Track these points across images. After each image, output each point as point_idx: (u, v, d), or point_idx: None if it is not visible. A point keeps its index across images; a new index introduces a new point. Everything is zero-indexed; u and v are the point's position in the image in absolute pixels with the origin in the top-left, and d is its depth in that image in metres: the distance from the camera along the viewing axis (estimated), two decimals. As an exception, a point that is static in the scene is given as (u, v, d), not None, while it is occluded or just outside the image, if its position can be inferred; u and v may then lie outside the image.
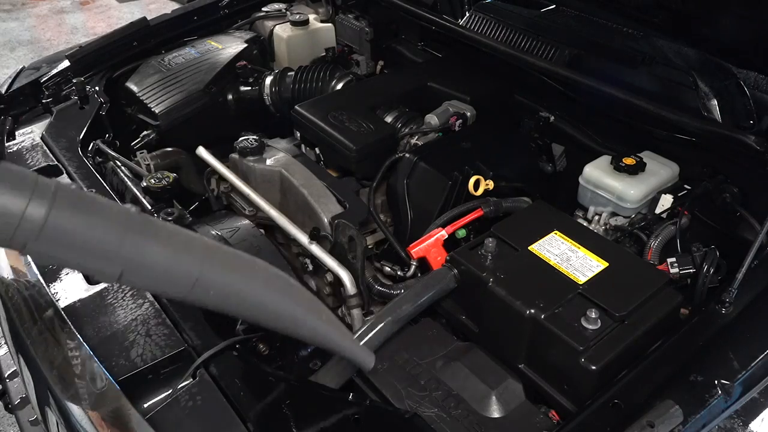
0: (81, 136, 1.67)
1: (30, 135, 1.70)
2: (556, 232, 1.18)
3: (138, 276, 0.76)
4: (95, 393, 1.00)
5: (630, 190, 1.34)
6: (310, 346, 1.23)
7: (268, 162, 1.59)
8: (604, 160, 1.41)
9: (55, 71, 1.87)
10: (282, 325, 0.88)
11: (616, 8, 1.57)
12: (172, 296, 0.88)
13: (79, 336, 1.07)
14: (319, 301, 0.94)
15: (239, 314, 0.95)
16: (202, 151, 1.64)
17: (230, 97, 1.94)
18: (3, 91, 1.77)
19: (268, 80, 1.91)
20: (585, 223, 1.39)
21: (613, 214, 1.39)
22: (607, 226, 1.38)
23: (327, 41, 2.17)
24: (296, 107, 1.68)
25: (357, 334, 1.10)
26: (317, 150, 1.68)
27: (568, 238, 1.16)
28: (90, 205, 0.73)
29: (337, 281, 1.34)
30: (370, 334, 1.10)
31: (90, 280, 1.25)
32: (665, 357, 0.97)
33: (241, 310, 0.86)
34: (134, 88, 1.86)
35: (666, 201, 1.32)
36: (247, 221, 1.46)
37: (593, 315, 0.99)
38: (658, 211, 1.33)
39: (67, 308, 1.14)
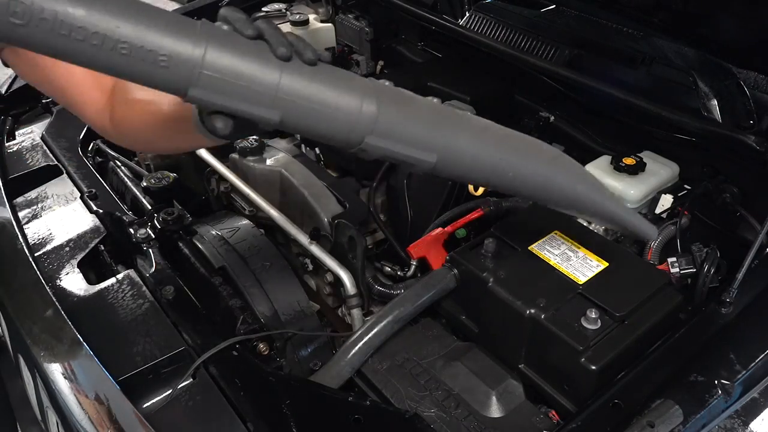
0: (81, 136, 1.67)
1: (30, 135, 1.70)
2: (556, 232, 1.18)
3: (450, 165, 0.83)
4: (95, 393, 1.00)
5: (630, 190, 1.34)
6: (310, 346, 1.23)
7: (268, 162, 1.59)
8: (604, 160, 1.41)
9: (55, 71, 1.86)
10: (573, 204, 0.97)
11: (616, 8, 1.57)
12: (476, 183, 1.00)
13: (79, 336, 1.07)
14: (596, 180, 1.00)
15: (533, 197, 0.99)
16: (202, 151, 1.64)
17: (230, 97, 1.94)
18: (3, 91, 1.77)
19: (268, 80, 1.91)
20: (585, 223, 1.39)
21: (613, 214, 1.39)
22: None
23: (327, 41, 2.17)
24: (296, 107, 1.68)
25: (357, 334, 1.10)
26: (317, 150, 1.68)
27: (568, 238, 1.16)
28: (408, 101, 0.82)
29: (337, 281, 1.34)
30: (370, 334, 1.10)
31: (90, 280, 1.26)
32: (665, 357, 0.97)
33: (536, 193, 0.93)
34: (134, 88, 1.86)
35: (666, 201, 1.32)
36: (247, 221, 1.46)
37: (593, 315, 0.99)
38: (658, 211, 1.33)
39: (67, 308, 1.14)
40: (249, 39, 0.71)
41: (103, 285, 1.22)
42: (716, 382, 0.92)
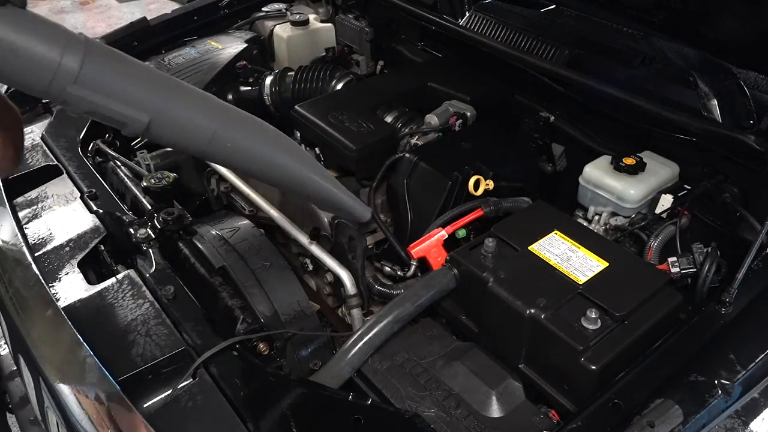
0: (81, 136, 1.67)
1: (30, 135, 1.70)
2: (556, 232, 1.18)
3: (163, 127, 0.83)
4: (95, 393, 1.00)
5: (630, 190, 1.34)
6: (310, 346, 1.23)
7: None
8: (604, 160, 1.41)
9: (55, 71, 1.86)
10: (287, 180, 0.98)
11: (616, 8, 1.57)
12: (192, 151, 0.93)
13: (79, 336, 1.07)
14: (314, 160, 1.01)
15: (250, 171, 1.00)
16: (202, 151, 1.64)
17: (230, 97, 1.94)
18: (3, 91, 1.77)
19: (268, 80, 1.91)
20: (585, 223, 1.39)
21: (613, 214, 1.39)
22: (607, 226, 1.38)
23: (327, 41, 2.17)
24: (296, 107, 1.68)
25: (357, 334, 1.10)
26: (317, 150, 1.68)
27: (568, 238, 1.16)
28: (119, 59, 0.81)
29: (337, 281, 1.35)
30: (370, 334, 1.10)
31: (90, 280, 1.26)
32: (665, 357, 0.97)
33: (252, 165, 0.94)
34: (134, 88, 1.86)
35: (666, 201, 1.32)
36: (247, 221, 1.46)
37: (593, 315, 0.99)
38: (658, 211, 1.33)
39: (67, 308, 1.14)
40: None
41: (103, 285, 1.22)
42: (716, 382, 0.92)
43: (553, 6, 1.87)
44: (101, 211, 1.42)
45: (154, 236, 1.33)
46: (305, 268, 1.46)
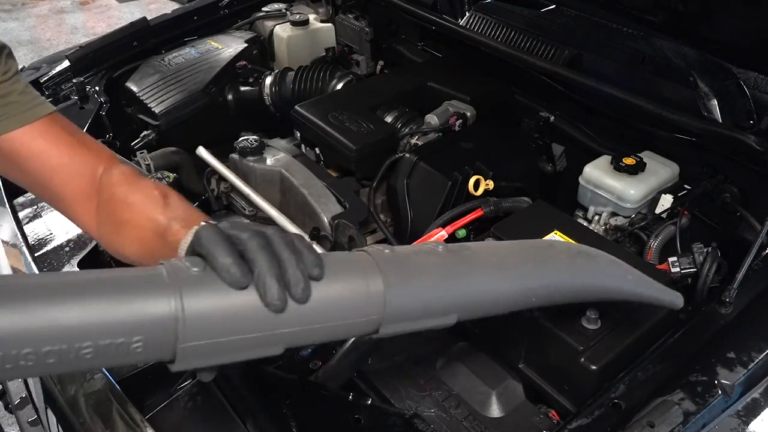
0: (81, 136, 1.66)
1: (30, 135, 1.70)
2: (556, 232, 1.18)
3: (471, 314, 0.77)
4: (95, 393, 1.00)
5: (630, 190, 1.34)
6: (310, 346, 1.23)
7: (268, 162, 1.59)
8: (604, 160, 1.41)
9: (55, 71, 1.86)
10: (600, 297, 0.91)
11: (616, 8, 1.57)
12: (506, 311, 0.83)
13: (79, 336, 1.07)
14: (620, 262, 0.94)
15: (562, 301, 0.91)
16: (202, 151, 1.64)
17: (230, 97, 1.94)
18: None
19: (268, 80, 1.91)
20: (585, 223, 1.39)
21: (613, 214, 1.39)
22: (607, 226, 1.38)
23: (327, 41, 2.17)
24: (296, 107, 1.68)
25: (357, 334, 1.10)
26: (317, 150, 1.68)
27: (568, 238, 1.16)
28: (411, 273, 0.72)
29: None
30: (370, 334, 1.10)
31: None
32: (665, 357, 0.97)
33: (566, 299, 0.88)
34: (134, 88, 1.86)
35: (666, 201, 1.32)
36: (247, 221, 1.46)
37: (593, 315, 0.99)
38: (658, 211, 1.33)
39: (67, 308, 1.14)
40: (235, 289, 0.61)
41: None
42: (716, 382, 0.92)
43: (553, 6, 1.87)
44: (101, 211, 1.42)
45: (154, 236, 1.33)
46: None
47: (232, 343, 0.61)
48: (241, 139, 1.63)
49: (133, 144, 1.76)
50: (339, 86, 1.87)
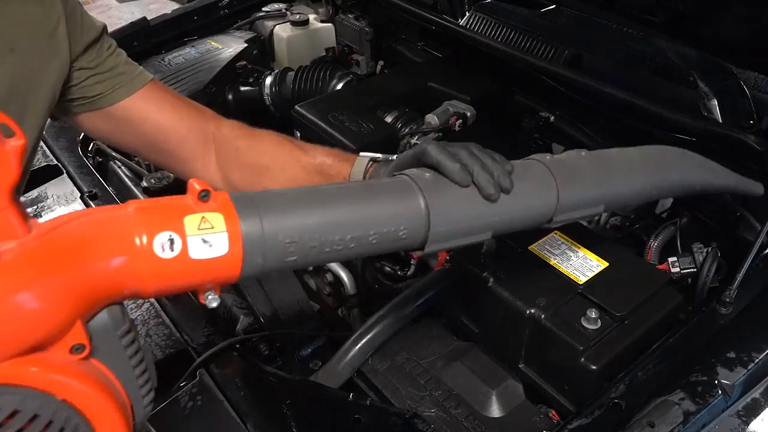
0: (81, 136, 1.67)
1: (30, 135, 1.70)
2: (556, 232, 1.18)
3: (610, 206, 0.97)
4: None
5: (630, 190, 1.33)
6: (310, 346, 1.24)
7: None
8: (604, 160, 1.41)
9: (55, 71, 1.86)
10: (691, 192, 1.10)
11: (616, 8, 1.57)
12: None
13: (79, 336, 1.07)
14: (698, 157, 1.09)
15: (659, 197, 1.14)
16: (202, 151, 1.64)
17: (230, 97, 1.94)
18: (3, 91, 1.77)
19: (268, 80, 1.91)
20: (585, 223, 1.39)
21: (613, 214, 1.39)
22: (607, 226, 1.38)
23: (327, 41, 2.17)
24: (296, 107, 1.68)
25: (357, 334, 1.10)
26: (317, 150, 1.68)
27: (568, 238, 1.16)
28: (575, 171, 0.91)
29: (337, 281, 1.35)
30: (370, 334, 1.10)
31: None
32: (665, 357, 0.97)
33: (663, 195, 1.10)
34: (134, 88, 1.86)
35: (666, 201, 1.32)
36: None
37: (593, 315, 0.99)
38: (658, 211, 1.33)
39: (67, 308, 1.14)
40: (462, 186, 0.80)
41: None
42: (716, 382, 0.92)
43: (553, 6, 1.87)
44: (101, 211, 1.42)
45: (154, 236, 1.33)
46: (305, 268, 1.46)
47: (463, 229, 0.81)
48: (241, 139, 1.63)
49: (133, 144, 1.75)
50: (339, 86, 1.87)
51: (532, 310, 1.02)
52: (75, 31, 1.03)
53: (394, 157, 0.99)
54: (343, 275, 1.31)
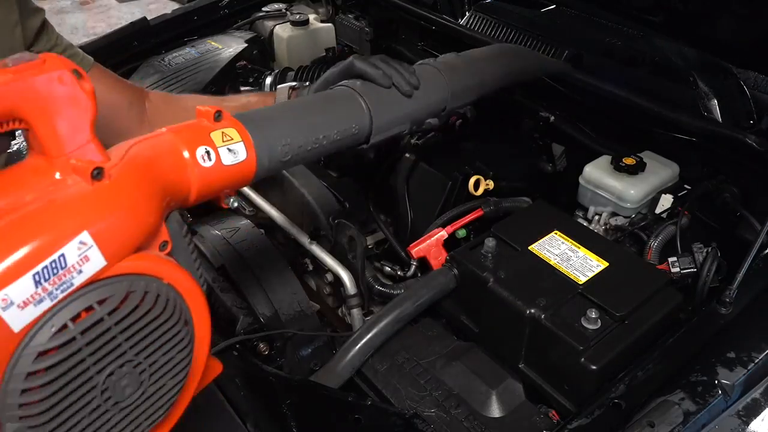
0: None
1: (30, 135, 1.70)
2: (556, 232, 1.18)
3: (457, 100, 1.19)
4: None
5: (630, 190, 1.34)
6: (310, 346, 1.24)
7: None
8: (604, 160, 1.41)
9: (55, 71, 1.86)
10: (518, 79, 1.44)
11: (616, 8, 1.57)
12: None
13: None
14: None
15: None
16: (202, 151, 1.64)
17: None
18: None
19: (268, 80, 1.91)
20: (585, 223, 1.39)
21: (613, 214, 1.39)
22: (607, 226, 1.38)
23: (327, 41, 2.17)
24: (296, 107, 1.68)
25: (357, 334, 1.10)
26: (317, 150, 1.67)
27: (568, 238, 1.16)
28: (458, 69, 1.22)
29: (337, 281, 1.34)
30: (370, 334, 1.10)
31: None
32: (665, 357, 0.97)
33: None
34: (134, 88, 1.86)
35: (666, 201, 1.32)
36: (247, 221, 1.46)
37: (593, 315, 0.99)
38: (658, 211, 1.33)
39: (67, 308, 1.14)
40: (386, 88, 1.06)
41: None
42: (716, 382, 0.92)
43: (553, 6, 1.87)
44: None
45: (154, 236, 1.33)
46: (305, 268, 1.46)
47: (393, 120, 1.06)
48: (241, 139, 1.63)
49: (133, 144, 1.76)
50: (339, 86, 1.87)
51: (532, 310, 1.02)
52: (28, 19, 1.09)
53: (307, 83, 1.24)
54: (343, 275, 1.31)
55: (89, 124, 0.63)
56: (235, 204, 0.85)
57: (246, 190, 1.52)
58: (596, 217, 1.40)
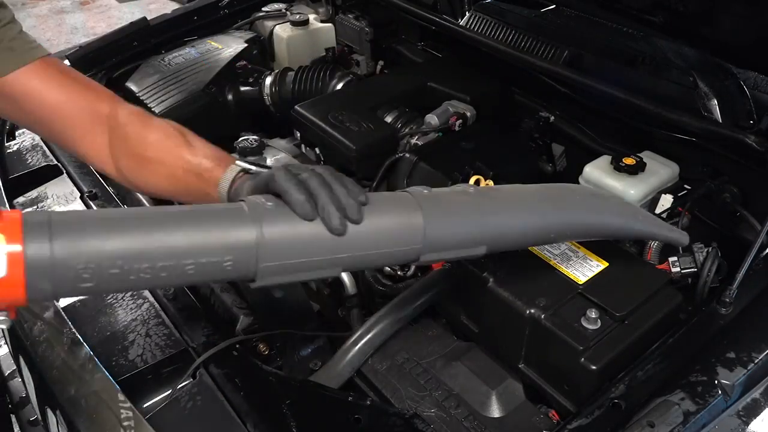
0: (81, 136, 1.66)
1: (30, 135, 1.70)
2: (556, 232, 1.18)
3: (497, 247, 0.90)
4: (95, 393, 1.00)
5: (630, 190, 1.34)
6: (310, 346, 1.24)
7: (269, 162, 1.59)
8: (604, 160, 1.41)
9: (55, 71, 1.86)
10: (611, 235, 1.05)
11: (616, 8, 1.57)
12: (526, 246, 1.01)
13: (79, 336, 1.07)
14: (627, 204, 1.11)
15: (576, 237, 1.07)
16: (202, 151, 1.64)
17: (230, 97, 1.94)
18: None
19: (268, 80, 1.91)
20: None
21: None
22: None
23: (327, 41, 2.17)
24: (296, 107, 1.68)
25: (357, 334, 1.10)
26: (317, 150, 1.68)
27: (568, 238, 1.16)
28: (447, 203, 0.85)
29: (337, 281, 1.34)
30: (370, 334, 1.10)
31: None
32: (665, 357, 0.97)
33: (579, 236, 1.02)
34: (134, 88, 1.86)
35: (666, 201, 1.31)
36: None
37: (593, 315, 0.99)
38: (658, 211, 1.33)
39: (67, 308, 1.14)
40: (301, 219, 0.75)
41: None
42: (716, 382, 0.92)
43: (553, 6, 1.87)
44: (101, 211, 1.42)
45: (154, 236, 1.33)
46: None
47: (302, 264, 0.75)
48: (241, 139, 1.63)
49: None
50: (339, 86, 1.87)
51: (532, 310, 1.02)
52: None
53: (262, 171, 0.90)
54: (343, 275, 1.31)
55: None
56: (3, 326, 0.67)
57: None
58: (596, 217, 1.40)
